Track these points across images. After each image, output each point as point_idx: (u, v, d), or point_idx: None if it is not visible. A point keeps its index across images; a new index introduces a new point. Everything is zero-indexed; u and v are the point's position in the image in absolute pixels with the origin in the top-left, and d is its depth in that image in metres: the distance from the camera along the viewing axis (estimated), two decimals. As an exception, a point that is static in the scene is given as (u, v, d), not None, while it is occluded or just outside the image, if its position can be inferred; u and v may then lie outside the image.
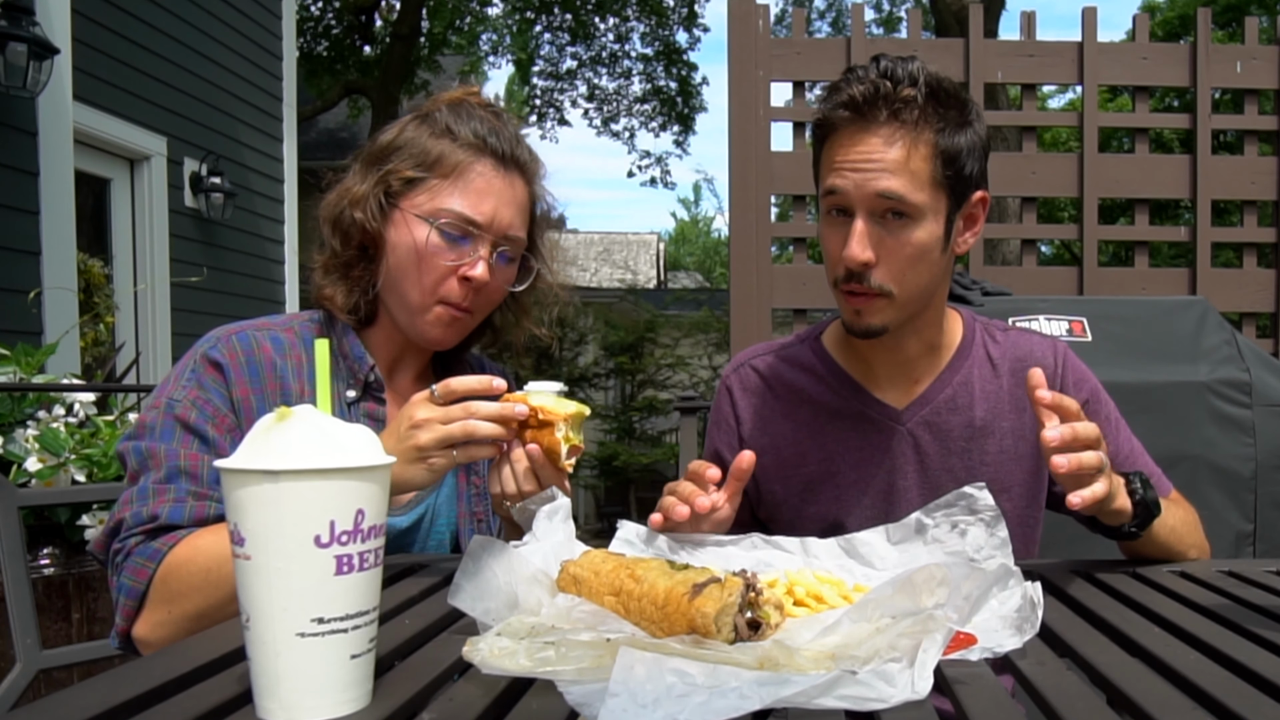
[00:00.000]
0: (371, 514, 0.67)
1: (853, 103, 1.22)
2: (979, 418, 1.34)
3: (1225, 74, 3.06)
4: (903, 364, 1.36)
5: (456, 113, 1.31)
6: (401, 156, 1.28)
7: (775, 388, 1.42)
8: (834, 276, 1.28)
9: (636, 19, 16.16)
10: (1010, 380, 1.36)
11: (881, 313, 1.26)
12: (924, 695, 0.65)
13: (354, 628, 0.66)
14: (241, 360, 1.23)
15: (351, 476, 0.65)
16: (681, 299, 11.96)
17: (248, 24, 6.92)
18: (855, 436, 1.36)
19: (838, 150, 1.24)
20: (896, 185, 1.20)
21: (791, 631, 0.80)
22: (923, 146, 1.21)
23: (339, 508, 0.65)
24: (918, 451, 1.34)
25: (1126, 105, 9.86)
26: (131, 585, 1.12)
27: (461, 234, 1.26)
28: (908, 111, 1.20)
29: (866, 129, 1.21)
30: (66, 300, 4.62)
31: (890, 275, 1.23)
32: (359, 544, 0.66)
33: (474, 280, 1.27)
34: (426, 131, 1.29)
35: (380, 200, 1.27)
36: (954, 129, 1.23)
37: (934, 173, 1.22)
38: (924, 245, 1.23)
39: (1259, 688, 0.70)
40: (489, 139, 1.29)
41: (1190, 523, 1.29)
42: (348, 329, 1.32)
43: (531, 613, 0.82)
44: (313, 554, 0.64)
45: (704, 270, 34.43)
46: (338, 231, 1.30)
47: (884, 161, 1.20)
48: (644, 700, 0.61)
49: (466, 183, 1.27)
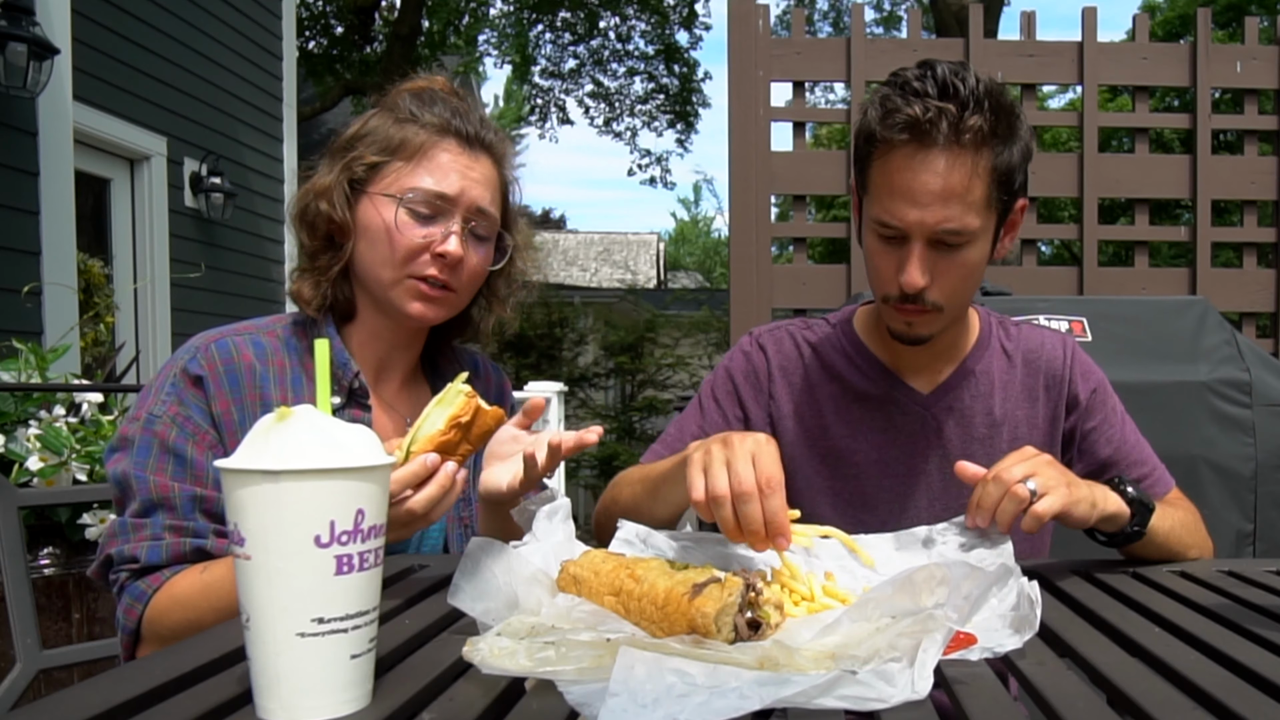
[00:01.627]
0: (371, 514, 0.66)
1: (914, 124, 1.17)
2: (997, 406, 1.39)
3: (1225, 74, 3.06)
4: (930, 356, 1.40)
5: (420, 99, 1.31)
6: (365, 144, 1.28)
7: (806, 357, 1.44)
8: (885, 294, 1.29)
9: (637, 17, 16.17)
10: (1023, 371, 1.41)
11: (931, 324, 1.30)
12: (924, 695, 0.65)
13: (354, 628, 0.66)
14: (221, 371, 1.21)
15: (351, 476, 0.65)
16: (681, 299, 11.97)
17: (248, 24, 6.92)
18: (881, 418, 1.39)
19: (895, 175, 1.20)
20: (957, 214, 1.19)
21: (791, 631, 0.80)
22: (981, 171, 1.19)
23: (339, 508, 0.65)
24: (941, 437, 1.38)
25: (1126, 105, 9.85)
26: (125, 623, 1.15)
27: (431, 210, 1.26)
28: (970, 135, 1.17)
29: (926, 152, 1.18)
30: (66, 300, 4.61)
31: (943, 294, 1.26)
32: (359, 544, 0.66)
33: (448, 256, 1.25)
34: (390, 119, 1.29)
35: (345, 188, 1.27)
36: (1008, 145, 1.21)
37: (989, 195, 1.21)
38: (975, 264, 1.26)
39: (1259, 688, 0.70)
40: (453, 120, 1.29)
41: (1189, 524, 1.29)
42: (331, 332, 1.30)
43: (531, 613, 0.82)
44: (313, 554, 0.64)
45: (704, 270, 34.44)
46: (304, 225, 1.30)
47: (945, 192, 1.18)
48: (644, 700, 0.61)
49: (431, 160, 1.27)
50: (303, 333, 1.31)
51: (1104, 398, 1.42)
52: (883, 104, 1.21)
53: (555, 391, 6.22)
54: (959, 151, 1.17)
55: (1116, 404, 1.44)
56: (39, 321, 4.46)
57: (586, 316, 11.53)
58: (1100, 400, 1.41)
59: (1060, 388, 1.40)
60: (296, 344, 1.29)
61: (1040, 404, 1.40)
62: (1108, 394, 1.43)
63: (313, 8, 14.14)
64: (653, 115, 17.08)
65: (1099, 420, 1.41)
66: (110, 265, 5.75)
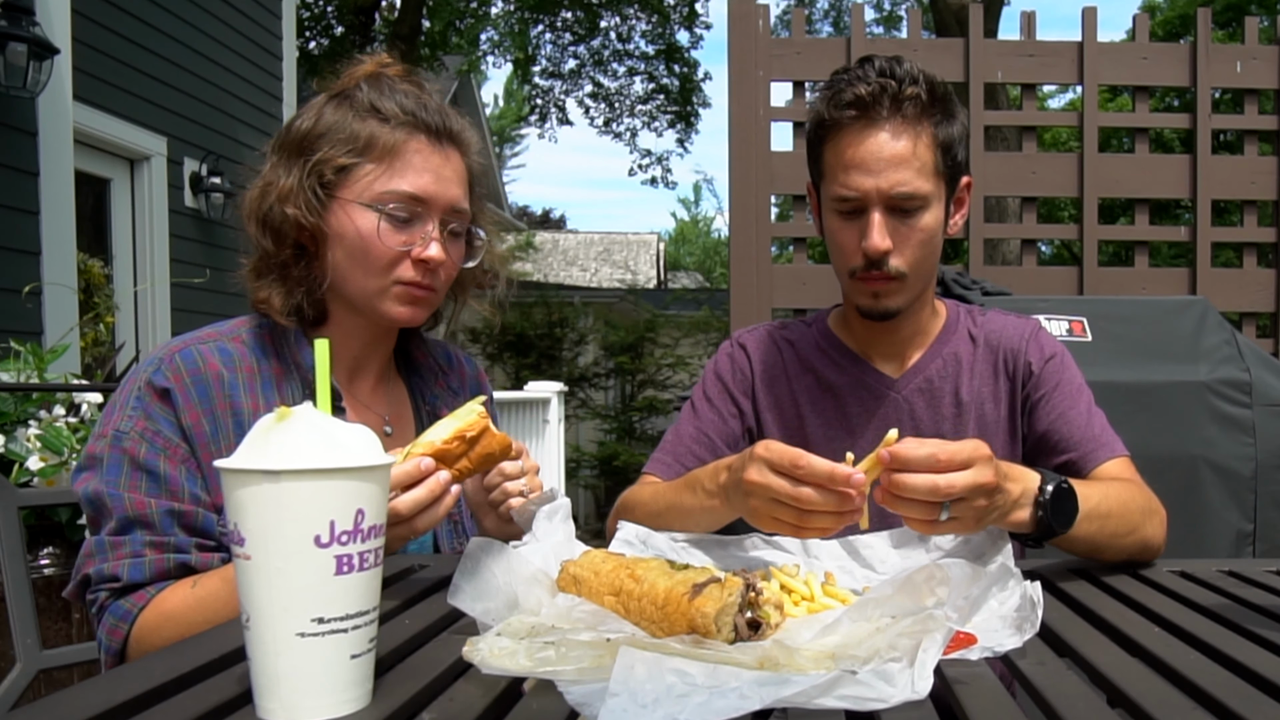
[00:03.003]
0: (371, 514, 0.66)
1: (859, 101, 1.29)
2: (964, 387, 1.43)
3: (1225, 74, 3.06)
4: (897, 342, 1.46)
5: (377, 88, 1.25)
6: (329, 143, 1.21)
7: (784, 354, 1.50)
8: (850, 267, 1.36)
9: (637, 17, 16.17)
10: (985, 352, 1.45)
11: (897, 295, 1.36)
12: (924, 695, 0.65)
13: (354, 628, 0.66)
14: (188, 382, 1.17)
15: (352, 476, 0.65)
16: (681, 299, 11.97)
17: (248, 24, 6.92)
18: (854, 403, 1.44)
19: (848, 150, 1.31)
20: (909, 177, 1.29)
21: (791, 631, 0.80)
22: (924, 138, 1.30)
23: (339, 508, 0.65)
24: (912, 417, 1.43)
25: (1126, 105, 9.86)
26: (109, 644, 1.13)
27: (409, 215, 1.22)
28: (910, 106, 1.29)
29: (873, 125, 1.29)
30: (66, 300, 4.62)
31: (905, 260, 1.33)
32: (359, 544, 0.65)
33: (430, 261, 1.23)
34: (349, 113, 1.23)
35: (315, 192, 1.21)
36: (947, 120, 1.33)
37: (936, 162, 1.31)
38: (932, 229, 1.33)
39: (1259, 688, 0.70)
40: (419, 114, 1.24)
41: (1132, 506, 1.19)
42: (300, 336, 1.27)
43: (531, 613, 0.82)
44: (313, 554, 0.64)
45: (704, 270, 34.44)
46: (268, 231, 1.24)
47: (895, 158, 1.29)
48: (644, 700, 0.61)
49: (405, 162, 1.22)
50: (269, 336, 1.27)
51: (1058, 371, 1.41)
52: (830, 90, 1.33)
53: (555, 391, 6.21)
54: (902, 122, 1.29)
55: (1072, 380, 1.42)
56: (39, 321, 4.46)
57: (586, 316, 11.53)
58: (1053, 372, 1.41)
59: (1015, 361, 1.43)
60: (263, 348, 1.25)
61: (1000, 381, 1.43)
62: (1064, 369, 1.42)
63: (313, 8, 14.14)
64: (653, 115, 17.08)
65: (1047, 390, 1.40)
66: (110, 265, 5.75)
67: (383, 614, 0.92)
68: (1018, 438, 1.43)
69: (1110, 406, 1.46)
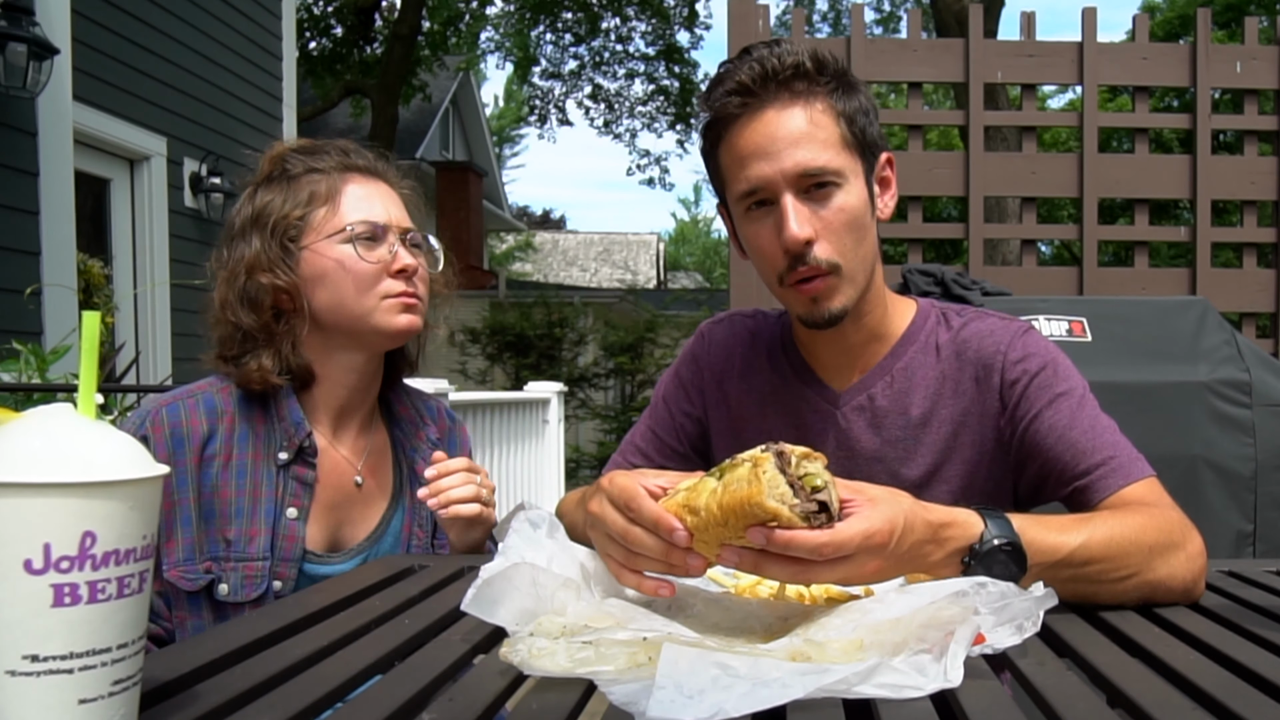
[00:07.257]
0: (111, 538, 0.58)
1: (741, 88, 1.18)
2: (916, 405, 1.27)
3: (1225, 74, 3.06)
4: (846, 351, 1.30)
5: (307, 152, 1.36)
6: (277, 210, 1.31)
7: (743, 346, 1.40)
8: (777, 272, 1.22)
9: (638, 18, 16.17)
10: (952, 365, 1.28)
11: (835, 294, 1.21)
12: (957, 684, 0.67)
13: (83, 668, 0.57)
14: (167, 434, 1.26)
15: (72, 494, 0.56)
16: (681, 299, 11.99)
17: (248, 24, 6.92)
18: (792, 416, 1.33)
19: (740, 141, 1.19)
20: (812, 152, 1.17)
21: (821, 621, 0.80)
22: (819, 108, 1.19)
23: (56, 529, 0.56)
24: (849, 438, 1.29)
25: (1126, 105, 9.85)
26: None
27: (373, 234, 1.32)
28: (798, 82, 1.18)
29: (762, 108, 1.18)
30: (66, 300, 4.62)
31: (832, 248, 1.19)
32: (88, 572, 0.57)
33: (407, 269, 1.32)
34: (285, 183, 1.33)
35: (281, 251, 1.30)
36: (845, 91, 1.21)
37: (840, 134, 1.19)
38: (854, 210, 1.20)
39: (1259, 688, 0.70)
40: (348, 158, 1.36)
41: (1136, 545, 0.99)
42: (289, 390, 1.32)
43: (557, 613, 0.83)
44: (22, 581, 0.56)
45: (704, 270, 34.47)
46: (245, 305, 1.30)
47: (791, 136, 1.17)
48: (690, 691, 0.62)
49: (349, 195, 1.33)
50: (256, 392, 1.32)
51: (1049, 384, 1.23)
52: (711, 88, 1.24)
53: (555, 392, 6.21)
54: (791, 99, 1.18)
55: (1068, 393, 1.23)
56: (39, 322, 4.46)
57: (586, 316, 11.55)
58: (1041, 386, 1.22)
59: (990, 378, 1.25)
60: (249, 400, 1.32)
61: (969, 398, 1.25)
62: (1056, 380, 1.23)
63: (313, 8, 14.15)
64: (653, 116, 17.08)
65: (1038, 407, 1.21)
66: (110, 265, 5.75)
67: (383, 614, 0.92)
68: (1008, 467, 1.25)
69: (1110, 407, 1.43)
